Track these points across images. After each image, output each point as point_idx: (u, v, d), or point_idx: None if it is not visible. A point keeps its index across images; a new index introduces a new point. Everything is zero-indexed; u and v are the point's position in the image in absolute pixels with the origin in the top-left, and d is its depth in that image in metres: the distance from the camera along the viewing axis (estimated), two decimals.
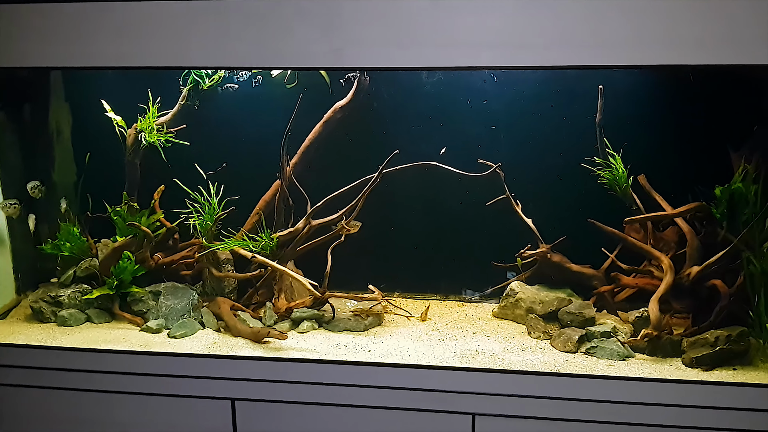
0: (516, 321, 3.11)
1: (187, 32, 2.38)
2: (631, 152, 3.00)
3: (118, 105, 3.17)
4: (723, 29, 2.16)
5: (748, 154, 2.81)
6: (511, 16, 2.22)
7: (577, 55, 2.20)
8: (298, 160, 3.16)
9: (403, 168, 3.09)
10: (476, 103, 3.12)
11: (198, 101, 3.20)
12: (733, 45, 2.16)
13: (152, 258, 3.13)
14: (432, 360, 2.68)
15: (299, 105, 3.04)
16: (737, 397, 2.44)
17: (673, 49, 2.19)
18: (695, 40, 2.17)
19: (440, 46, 2.26)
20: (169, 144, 3.18)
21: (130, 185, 3.21)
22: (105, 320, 3.08)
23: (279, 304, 3.07)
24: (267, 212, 3.18)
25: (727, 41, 2.16)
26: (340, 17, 2.29)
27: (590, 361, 2.68)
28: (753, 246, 2.68)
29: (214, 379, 2.69)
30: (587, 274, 3.11)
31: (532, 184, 3.16)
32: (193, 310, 3.04)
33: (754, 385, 2.45)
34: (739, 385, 2.46)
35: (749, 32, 2.15)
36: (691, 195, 2.91)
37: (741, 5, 2.14)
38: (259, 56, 2.35)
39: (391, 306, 3.20)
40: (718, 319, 2.72)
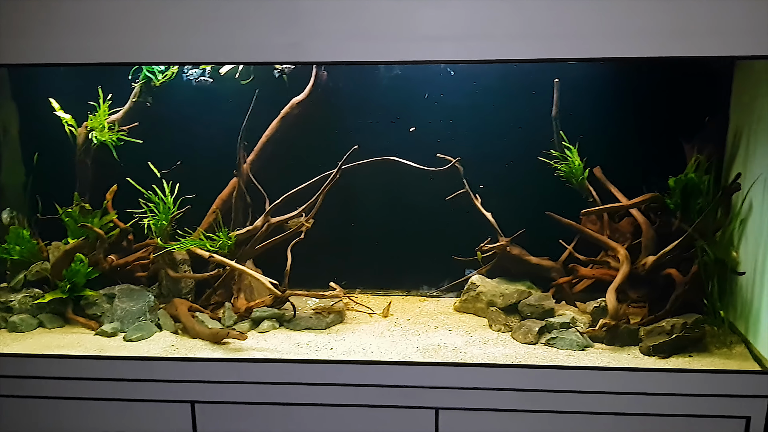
0: (477, 314, 3.13)
1: (140, 27, 2.31)
2: (587, 145, 3.04)
3: (67, 103, 3.09)
4: (676, 22, 2.19)
5: (700, 145, 2.88)
6: (472, 10, 2.21)
7: (536, 49, 2.21)
8: (255, 156, 3.12)
9: (362, 164, 3.08)
10: (435, 97, 3.13)
11: (150, 98, 3.13)
12: (686, 37, 2.19)
13: (106, 260, 3.05)
14: (394, 356, 2.68)
15: (255, 101, 3.00)
16: (693, 384, 2.49)
17: (631, 42, 2.21)
18: (652, 32, 2.19)
19: (400, 39, 2.24)
20: (121, 142, 3.10)
21: (82, 185, 3.13)
22: (58, 325, 2.99)
23: (238, 304, 3.03)
24: (224, 210, 3.13)
25: (679, 34, 2.19)
26: (298, 11, 2.25)
27: (550, 352, 2.71)
28: (706, 235, 2.74)
29: (172, 382, 2.63)
30: (546, 266, 3.15)
31: (491, 178, 3.18)
32: (149, 313, 2.97)
33: (710, 371, 2.51)
34: (695, 372, 2.51)
35: (701, 25, 2.18)
36: (646, 186, 2.96)
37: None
38: (216, 51, 2.30)
39: (352, 303, 3.18)
40: (673, 308, 2.78)
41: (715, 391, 2.48)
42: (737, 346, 2.71)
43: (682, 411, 2.51)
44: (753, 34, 2.16)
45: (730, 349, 2.70)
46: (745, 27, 2.16)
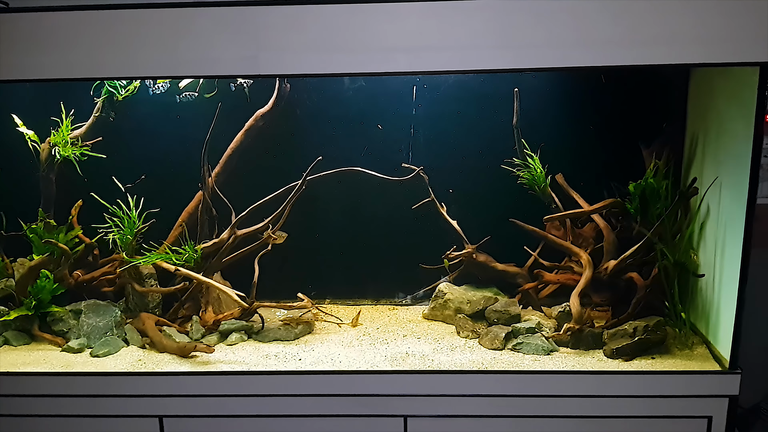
0: (446, 321, 3.15)
1: (99, 43, 2.31)
2: (548, 152, 3.08)
3: (30, 119, 3.07)
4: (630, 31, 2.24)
5: (658, 151, 2.94)
6: (425, 23, 2.24)
7: (488, 60, 2.25)
8: (220, 169, 3.12)
9: (327, 174, 3.10)
10: (399, 107, 3.16)
11: (114, 113, 3.12)
12: (639, 47, 2.24)
13: (72, 276, 3.03)
14: (363, 365, 2.69)
15: (218, 114, 3.00)
16: (656, 385, 2.54)
17: (586, 51, 2.25)
18: (606, 41, 2.24)
19: (357, 52, 2.26)
20: (84, 158, 3.09)
21: (46, 201, 3.11)
22: (24, 342, 2.96)
23: (206, 316, 3.02)
24: (190, 224, 3.12)
25: (636, 43, 2.24)
26: (254, 25, 2.27)
27: (516, 357, 2.74)
28: (666, 239, 2.80)
29: (140, 397, 2.62)
30: (512, 272, 3.18)
31: (456, 187, 3.22)
32: (116, 328, 2.95)
33: (671, 372, 2.55)
34: (657, 373, 2.55)
35: (654, 34, 2.23)
36: (607, 192, 3.01)
37: (646, 6, 2.22)
38: (174, 65, 2.31)
39: (321, 313, 3.19)
40: (635, 311, 2.82)
41: (678, 392, 2.53)
42: (698, 347, 2.76)
43: (645, 412, 2.56)
44: (705, 43, 2.22)
45: (691, 350, 2.75)
46: (696, 36, 2.21)
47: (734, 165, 2.48)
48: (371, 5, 2.23)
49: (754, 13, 2.18)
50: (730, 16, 2.19)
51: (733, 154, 2.50)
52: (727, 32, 2.20)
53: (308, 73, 2.29)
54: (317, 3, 2.25)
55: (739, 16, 2.18)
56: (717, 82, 2.68)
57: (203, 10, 2.29)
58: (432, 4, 2.22)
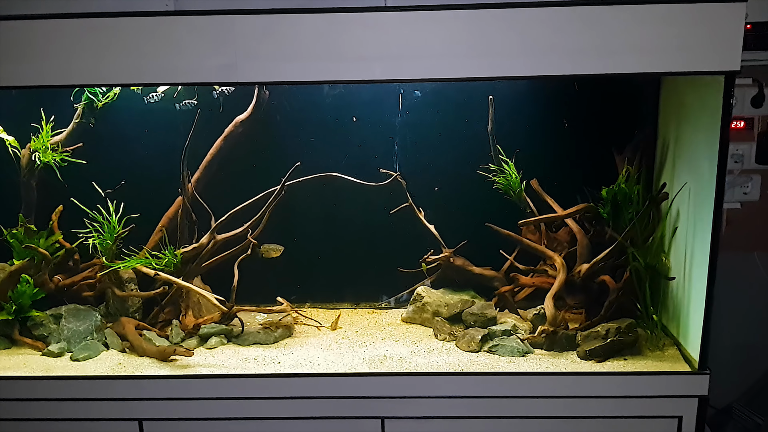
0: (424, 324, 3.19)
1: (77, 50, 2.34)
2: (523, 158, 3.14)
3: (10, 125, 3.08)
4: (600, 40, 2.30)
5: (630, 157, 3.00)
6: (402, 31, 2.29)
7: (463, 67, 2.30)
8: (200, 175, 3.14)
9: (306, 180, 3.14)
10: (377, 114, 3.20)
11: (93, 119, 3.14)
12: (613, 55, 2.30)
13: (52, 280, 3.04)
14: (341, 367, 2.72)
15: (197, 120, 3.03)
16: (628, 385, 2.59)
17: (558, 60, 2.31)
18: (577, 50, 2.30)
19: (333, 60, 2.31)
20: (65, 163, 3.11)
21: (26, 206, 3.11)
22: (4, 346, 2.96)
23: (186, 321, 3.04)
24: (170, 229, 3.14)
25: (606, 52, 2.30)
26: (232, 33, 2.31)
27: (492, 359, 2.78)
28: (637, 242, 2.86)
29: (120, 401, 2.64)
30: (488, 275, 3.23)
31: (433, 192, 3.27)
32: (96, 332, 2.97)
33: (643, 373, 2.61)
34: (629, 374, 2.61)
35: (623, 42, 2.29)
36: (581, 196, 3.07)
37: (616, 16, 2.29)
38: (151, 72, 2.34)
39: (301, 317, 3.22)
40: (608, 313, 2.87)
41: (649, 392, 2.59)
42: (670, 349, 2.82)
43: (617, 412, 2.61)
44: (671, 52, 2.28)
45: (662, 351, 2.81)
46: (664, 45, 2.27)
47: (703, 170, 2.54)
48: (348, 14, 2.27)
49: (719, 23, 2.24)
50: (696, 25, 2.24)
51: (701, 159, 2.56)
52: (693, 41, 2.26)
53: (285, 81, 2.34)
54: (295, 12, 2.29)
55: (704, 25, 2.24)
56: (686, 90, 2.74)
57: (182, 18, 2.32)
58: (407, 14, 2.27)
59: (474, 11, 2.27)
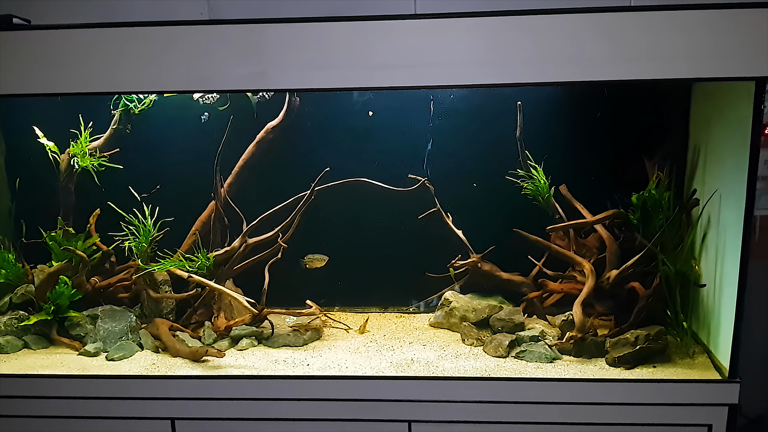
0: (451, 329, 3.21)
1: (113, 58, 2.42)
2: (552, 163, 3.14)
3: (50, 130, 3.18)
4: (627, 46, 2.30)
5: (661, 163, 2.98)
6: (427, 38, 2.32)
7: (489, 74, 2.32)
8: (232, 180, 3.21)
9: (335, 185, 3.18)
10: (406, 120, 3.24)
11: (130, 125, 3.23)
12: (641, 61, 2.30)
13: (89, 282, 3.13)
14: (369, 370, 2.75)
15: (230, 126, 3.10)
16: (657, 393, 2.57)
17: (581, 66, 2.31)
18: (602, 57, 2.30)
19: (358, 68, 2.35)
20: (102, 168, 3.20)
21: (65, 210, 3.22)
22: (43, 346, 3.05)
23: (218, 322, 3.10)
24: (203, 232, 3.22)
25: (634, 58, 2.30)
26: (263, 40, 2.36)
27: (519, 365, 2.78)
28: (667, 249, 2.84)
29: (153, 400, 2.70)
30: (516, 281, 3.24)
31: (461, 197, 3.28)
32: (131, 333, 3.04)
33: (673, 381, 2.58)
34: (658, 382, 2.59)
35: (652, 48, 2.29)
36: (610, 202, 3.06)
37: (644, 22, 2.28)
38: (185, 81, 2.40)
39: (330, 320, 3.26)
40: (637, 320, 2.86)
41: (678, 400, 2.56)
42: (700, 356, 2.79)
43: (646, 420, 2.59)
44: (701, 58, 2.27)
45: (692, 358, 2.78)
46: (694, 51, 2.27)
47: (733, 177, 2.52)
48: (376, 22, 2.32)
49: (749, 29, 2.23)
50: (726, 31, 2.24)
51: (732, 165, 2.54)
52: (723, 47, 2.25)
53: (314, 88, 2.37)
54: (324, 21, 2.33)
55: (735, 31, 2.24)
56: (717, 96, 2.73)
57: (215, 27, 2.38)
58: (434, 21, 2.30)
59: (497, 19, 2.30)
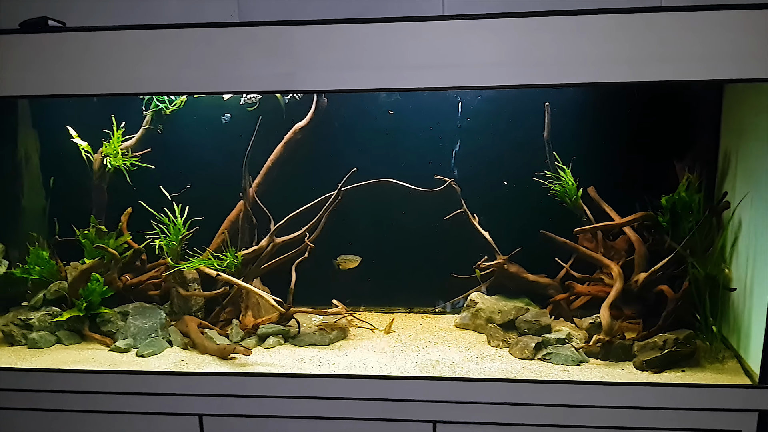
0: (477, 331, 3.20)
1: (140, 60, 2.46)
2: (580, 165, 3.12)
3: (83, 130, 3.25)
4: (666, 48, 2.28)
5: (691, 165, 2.94)
6: (455, 39, 2.33)
7: (517, 75, 2.32)
8: (261, 180, 3.25)
9: (362, 185, 3.20)
10: (431, 121, 3.24)
11: (161, 126, 3.28)
12: (676, 63, 2.28)
13: (120, 279, 3.19)
14: (394, 370, 2.76)
15: (258, 127, 3.14)
16: (685, 398, 2.54)
17: (615, 67, 2.30)
18: (635, 58, 2.28)
19: (386, 69, 2.36)
20: (134, 167, 3.25)
21: (98, 208, 3.28)
22: (75, 341, 3.11)
23: (246, 320, 3.14)
24: (232, 231, 3.26)
25: (666, 59, 2.28)
26: (292, 42, 2.38)
27: (546, 367, 2.77)
28: (697, 252, 2.80)
29: (181, 396, 2.74)
30: (543, 283, 3.22)
31: (488, 198, 3.28)
32: (160, 329, 3.09)
33: (702, 386, 2.55)
34: (687, 386, 2.56)
35: (689, 50, 2.27)
36: (639, 205, 3.03)
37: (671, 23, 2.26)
38: (215, 82, 2.44)
39: (355, 320, 3.27)
40: (666, 323, 2.83)
41: (707, 405, 2.53)
42: (729, 361, 2.75)
43: (674, 425, 2.55)
44: (738, 59, 2.24)
45: (722, 363, 2.74)
46: (730, 52, 2.24)
47: (765, 179, 2.48)
48: (403, 23, 2.33)
49: None
50: (759, 32, 2.21)
51: (764, 168, 2.50)
52: (755, 48, 2.22)
53: (340, 89, 2.39)
54: (352, 22, 2.35)
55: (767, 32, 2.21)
56: (750, 98, 2.69)
57: (245, 29, 2.41)
58: (462, 22, 2.31)
59: (525, 20, 2.29)
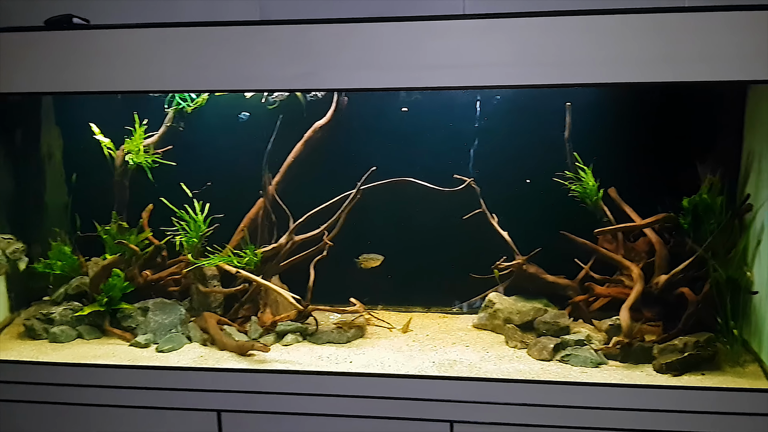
0: (495, 331, 3.19)
1: (162, 58, 2.49)
2: (601, 166, 3.10)
3: (106, 127, 3.28)
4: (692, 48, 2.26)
5: (713, 167, 2.91)
6: (475, 38, 2.33)
7: (536, 75, 2.31)
8: (280, 178, 3.26)
9: (380, 184, 3.20)
10: (451, 121, 3.23)
11: (183, 123, 3.31)
12: (702, 63, 2.27)
13: (141, 275, 3.21)
14: (411, 370, 2.76)
15: (279, 125, 3.15)
16: (705, 401, 2.52)
17: (634, 68, 2.29)
18: (654, 58, 2.27)
19: (408, 67, 2.36)
20: (155, 164, 3.28)
21: (119, 205, 3.31)
22: (95, 336, 3.14)
23: (264, 317, 3.15)
24: (251, 229, 3.27)
25: (689, 59, 2.27)
26: (312, 41, 2.40)
27: (564, 369, 2.76)
28: (718, 255, 2.78)
29: (200, 392, 2.76)
30: (562, 284, 3.20)
31: (507, 198, 3.26)
32: (180, 325, 3.11)
33: (722, 389, 2.53)
34: (707, 389, 2.54)
35: (715, 51, 2.25)
36: (661, 206, 3.00)
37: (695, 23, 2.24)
38: (237, 80, 2.46)
39: (373, 318, 3.28)
40: (686, 326, 2.80)
41: (727, 409, 2.50)
42: (750, 365, 2.72)
43: (693, 428, 2.53)
44: (756, 59, 2.22)
45: (743, 367, 2.71)
46: (756, 53, 2.22)
47: None
48: (424, 23, 2.33)
49: None
50: None
51: None
52: None
53: (361, 88, 2.40)
54: (369, 21, 2.35)
55: None
56: None
57: (267, 28, 2.43)
58: (482, 22, 2.30)
59: (544, 19, 2.29)
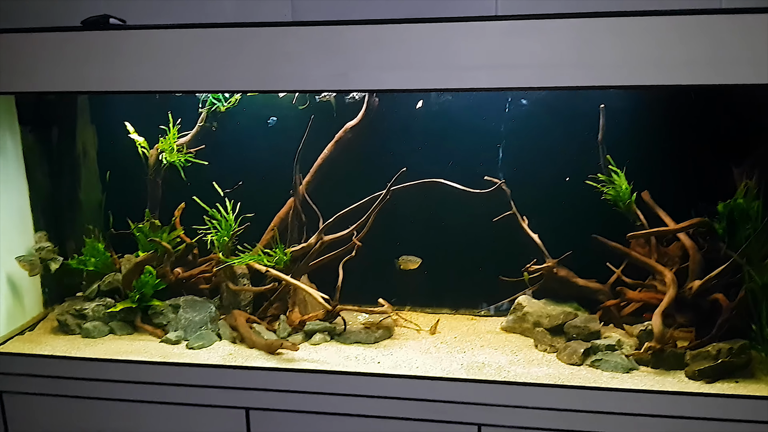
0: (524, 334, 3.16)
1: (197, 58, 2.52)
2: (635, 169, 3.06)
3: (140, 126, 3.33)
4: (719, 49, 2.23)
5: (750, 171, 2.86)
6: (507, 39, 2.31)
7: (569, 76, 2.29)
8: (311, 178, 3.28)
9: (410, 185, 3.19)
10: (482, 122, 3.22)
11: (216, 123, 3.34)
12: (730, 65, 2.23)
13: (172, 272, 3.25)
14: (439, 372, 2.75)
15: (310, 126, 3.17)
16: (738, 409, 2.48)
17: (667, 70, 2.26)
18: (687, 60, 2.24)
19: (438, 69, 2.36)
20: (188, 163, 3.32)
21: (152, 203, 3.36)
22: (127, 332, 3.19)
23: (293, 316, 3.17)
24: (281, 228, 3.30)
25: (722, 62, 2.23)
26: (344, 42, 2.41)
27: (594, 374, 2.73)
28: (754, 260, 2.72)
29: (229, 389, 2.79)
30: (593, 288, 3.16)
31: (538, 201, 3.23)
32: (210, 323, 3.14)
33: (755, 398, 2.48)
34: (740, 398, 2.49)
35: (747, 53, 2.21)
36: (695, 211, 2.95)
37: (731, 25, 2.21)
38: (269, 80, 2.48)
39: (401, 319, 3.28)
40: (720, 333, 2.75)
41: (761, 418, 2.46)
42: None
43: None
44: None
45: None
46: None
47: None
48: (455, 24, 2.32)
49: None
50: None
51: None
52: None
53: (393, 89, 2.40)
54: (401, 22, 2.35)
55: None
56: None
57: (298, 29, 2.44)
58: (515, 23, 2.29)
59: (580, 21, 2.26)
